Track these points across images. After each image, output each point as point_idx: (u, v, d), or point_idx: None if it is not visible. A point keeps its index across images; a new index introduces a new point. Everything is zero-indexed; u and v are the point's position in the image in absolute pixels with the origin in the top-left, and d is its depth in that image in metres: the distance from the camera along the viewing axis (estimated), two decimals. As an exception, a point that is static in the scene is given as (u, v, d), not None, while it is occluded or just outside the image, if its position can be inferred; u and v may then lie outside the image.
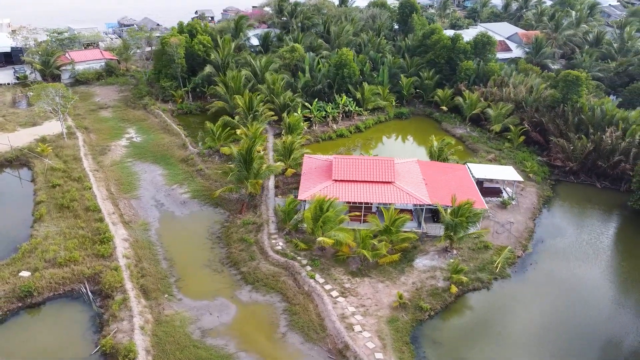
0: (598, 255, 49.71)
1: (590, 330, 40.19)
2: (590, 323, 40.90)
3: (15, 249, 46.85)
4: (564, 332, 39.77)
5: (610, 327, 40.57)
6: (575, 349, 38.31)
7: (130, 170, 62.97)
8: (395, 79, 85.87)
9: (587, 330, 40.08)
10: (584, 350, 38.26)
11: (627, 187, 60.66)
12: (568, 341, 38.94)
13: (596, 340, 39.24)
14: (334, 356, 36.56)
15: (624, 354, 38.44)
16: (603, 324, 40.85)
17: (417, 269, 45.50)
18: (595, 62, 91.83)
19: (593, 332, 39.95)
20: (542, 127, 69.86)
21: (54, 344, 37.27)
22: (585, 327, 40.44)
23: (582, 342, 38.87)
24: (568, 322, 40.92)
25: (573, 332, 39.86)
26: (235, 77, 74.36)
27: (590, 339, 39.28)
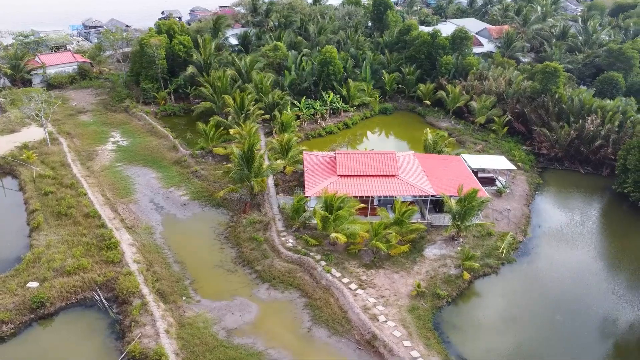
0: (592, 236, 52.44)
1: (596, 304, 42.37)
2: (594, 299, 43.11)
3: (17, 259, 45.49)
4: (573, 310, 41.72)
5: (612, 300, 42.91)
6: (586, 324, 40.30)
7: (122, 174, 61.55)
8: (377, 75, 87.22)
9: (594, 306, 42.23)
10: (594, 323, 40.33)
11: (608, 172, 64.10)
12: (578, 317, 40.89)
13: (602, 314, 41.37)
14: (362, 347, 37.15)
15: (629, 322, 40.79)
16: (606, 298, 43.13)
17: (428, 259, 46.66)
18: (564, 55, 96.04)
19: (599, 306, 42.12)
20: (524, 117, 72.70)
21: (75, 355, 36.23)
22: (592, 303, 42.59)
23: (591, 318, 40.93)
24: (576, 300, 42.98)
25: (581, 309, 41.86)
26: (221, 77, 73.67)
27: (596, 313, 41.40)
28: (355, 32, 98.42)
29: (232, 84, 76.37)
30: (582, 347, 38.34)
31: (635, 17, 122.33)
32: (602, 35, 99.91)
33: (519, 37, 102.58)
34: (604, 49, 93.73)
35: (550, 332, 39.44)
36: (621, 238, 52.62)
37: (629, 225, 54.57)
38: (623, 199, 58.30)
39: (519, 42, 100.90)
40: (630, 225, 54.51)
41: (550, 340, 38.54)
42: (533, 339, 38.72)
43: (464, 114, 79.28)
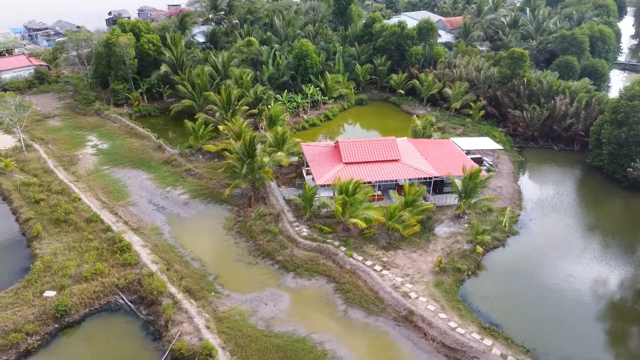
0: (579, 206, 56.67)
1: (598, 263, 45.99)
2: (594, 258, 46.81)
3: (21, 270, 43.38)
4: (578, 269, 45.06)
5: (608, 256, 46.85)
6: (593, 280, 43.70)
7: (111, 177, 59.39)
8: (349, 67, 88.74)
9: (595, 263, 45.86)
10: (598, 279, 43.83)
11: (579, 147, 68.99)
12: (585, 276, 44.19)
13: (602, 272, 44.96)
14: (401, 323, 38.36)
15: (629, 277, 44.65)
16: (603, 256, 46.97)
17: (440, 237, 48.57)
18: (518, 42, 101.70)
19: (599, 265, 45.73)
20: (497, 101, 76.63)
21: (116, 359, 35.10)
22: (591, 262, 46.21)
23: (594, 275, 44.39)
24: (578, 261, 46.47)
25: (585, 268, 45.29)
26: (200, 74, 72.42)
27: (599, 271, 44.95)
28: (322, 26, 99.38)
29: (211, 81, 75.21)
30: (595, 298, 41.52)
31: (572, 6, 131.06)
32: (551, 24, 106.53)
33: (475, 27, 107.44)
34: (554, 35, 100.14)
35: (565, 291, 42.38)
36: (602, 205, 57.04)
37: (607, 193, 59.10)
38: (598, 170, 63.05)
39: (476, 31, 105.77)
40: (608, 193, 59.05)
41: (566, 299, 41.49)
42: (552, 299, 41.49)
43: (438, 101, 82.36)
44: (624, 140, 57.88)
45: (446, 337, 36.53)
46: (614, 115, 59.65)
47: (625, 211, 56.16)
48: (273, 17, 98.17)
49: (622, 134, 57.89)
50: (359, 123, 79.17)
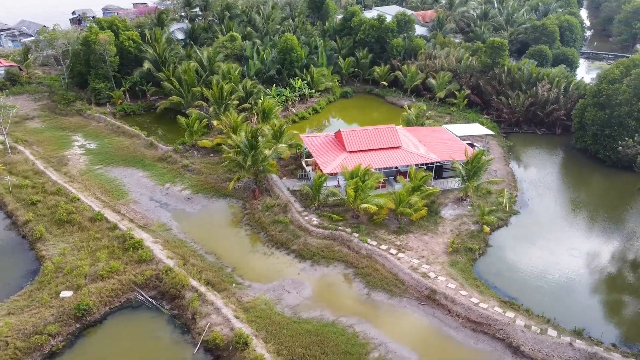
0: (570, 185, 59.47)
1: (596, 236, 48.48)
2: (593, 233, 49.25)
3: (29, 272, 42.14)
4: (582, 243, 47.45)
5: (604, 232, 49.43)
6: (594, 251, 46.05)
7: (106, 176, 57.92)
8: (332, 61, 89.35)
9: (595, 238, 48.28)
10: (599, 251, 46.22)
11: (561, 131, 72.08)
12: (588, 248, 46.53)
13: (601, 244, 47.44)
14: (424, 302, 39.33)
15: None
16: (599, 232, 49.48)
17: (447, 219, 49.91)
18: (491, 34, 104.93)
19: (598, 237, 48.23)
20: (479, 89, 78.98)
21: (149, 355, 34.49)
22: (593, 237, 48.64)
23: (595, 247, 46.80)
24: (578, 235, 48.96)
25: (585, 241, 47.70)
26: (187, 70, 71.37)
27: (598, 243, 47.41)
28: (301, 21, 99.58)
29: (197, 77, 74.21)
30: (599, 268, 43.81)
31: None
32: (520, 15, 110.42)
33: (448, 20, 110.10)
34: (524, 26, 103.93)
35: (571, 263, 44.53)
36: (591, 183, 60.20)
37: (594, 172, 62.13)
38: (582, 151, 66.12)
39: (449, 24, 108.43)
40: (594, 172, 62.08)
41: (574, 270, 43.64)
42: (560, 271, 43.55)
43: (421, 92, 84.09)
44: (606, 121, 60.90)
45: (471, 312, 37.73)
46: (595, 98, 62.67)
47: (612, 187, 59.11)
48: (251, 13, 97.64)
49: (605, 116, 60.91)
50: (347, 115, 79.88)
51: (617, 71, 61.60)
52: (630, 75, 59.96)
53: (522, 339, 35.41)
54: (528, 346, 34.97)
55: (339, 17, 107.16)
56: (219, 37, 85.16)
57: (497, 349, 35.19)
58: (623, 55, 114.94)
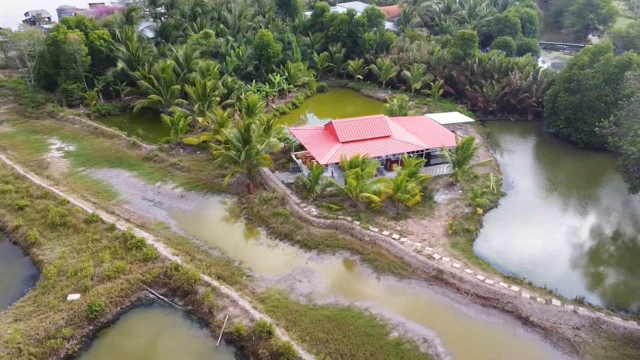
0: (548, 166, 62.48)
1: (579, 211, 51.36)
2: (576, 208, 52.12)
3: (28, 278, 40.88)
4: (568, 219, 50.13)
5: (585, 207, 52.42)
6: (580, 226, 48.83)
7: (92, 178, 56.35)
8: (306, 56, 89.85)
9: (578, 213, 51.14)
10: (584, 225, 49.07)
11: (532, 117, 75.49)
12: (575, 223, 49.26)
13: (584, 218, 50.35)
14: (432, 282, 40.64)
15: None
16: (581, 207, 52.41)
17: (441, 204, 51.53)
18: (455, 27, 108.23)
19: (581, 213, 51.13)
20: (452, 80, 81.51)
21: (172, 351, 34.14)
22: (577, 212, 51.51)
23: (580, 222, 49.62)
24: (566, 212, 51.70)
25: (573, 217, 50.46)
26: (165, 68, 70.13)
27: (582, 218, 50.27)
28: (272, 17, 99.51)
29: (175, 75, 73.01)
30: (587, 240, 46.57)
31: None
32: (482, 9, 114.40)
33: (413, 14, 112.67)
34: (486, 19, 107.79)
35: (562, 238, 47.09)
36: (567, 164, 63.10)
37: (568, 154, 65.31)
38: (554, 135, 69.62)
39: (415, 18, 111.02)
40: (569, 154, 65.25)
41: (565, 244, 46.20)
42: (552, 245, 46.04)
43: (396, 84, 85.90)
44: (578, 106, 64.32)
45: (478, 288, 39.33)
46: (566, 84, 66.05)
47: (587, 167, 62.43)
48: (221, 10, 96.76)
49: (576, 101, 64.30)
50: (326, 109, 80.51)
51: (585, 58, 65.12)
52: (599, 61, 63.50)
53: (530, 310, 37.26)
54: (536, 316, 36.84)
55: (307, 14, 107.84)
56: (192, 34, 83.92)
57: (508, 321, 36.90)
58: (577, 45, 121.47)
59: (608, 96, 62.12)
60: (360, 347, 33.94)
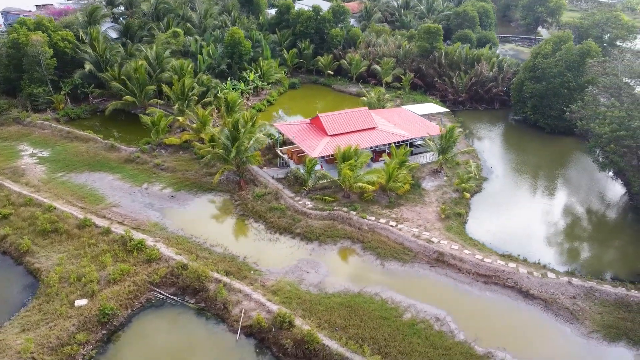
0: (520, 151, 65.81)
1: (557, 190, 54.66)
2: (554, 187, 55.45)
3: (25, 286, 39.56)
4: (548, 198, 53.24)
5: (560, 186, 55.88)
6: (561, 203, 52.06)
7: (74, 183, 54.66)
8: (276, 53, 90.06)
9: (557, 192, 54.43)
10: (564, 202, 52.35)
11: (499, 106, 79.13)
12: (555, 201, 52.46)
13: (563, 195, 53.72)
14: (434, 265, 42.31)
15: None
16: (558, 186, 55.82)
17: (429, 191, 53.41)
18: (416, 21, 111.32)
19: (559, 191, 54.45)
20: (421, 72, 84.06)
21: (193, 349, 34.02)
22: (555, 191, 54.79)
23: (560, 199, 52.90)
24: (545, 191, 54.80)
25: (553, 196, 53.63)
26: (138, 68, 68.60)
27: (560, 195, 53.59)
28: (237, 15, 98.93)
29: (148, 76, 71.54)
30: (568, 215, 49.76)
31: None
32: (439, 4, 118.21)
33: (375, 10, 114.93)
34: (444, 13, 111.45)
35: (546, 215, 50.03)
36: (538, 148, 66.49)
37: (537, 138, 68.93)
38: (522, 122, 73.44)
39: (376, 14, 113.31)
40: (538, 138, 68.80)
41: (549, 220, 49.14)
42: (539, 223, 48.88)
43: (367, 78, 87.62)
44: (544, 93, 68.04)
45: (479, 267, 41.32)
46: (532, 73, 69.72)
47: (557, 149, 65.95)
48: (185, 9, 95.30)
49: (542, 88, 68.00)
50: (301, 105, 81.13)
51: (548, 47, 68.97)
52: (561, 50, 67.43)
53: (529, 284, 39.56)
54: (536, 289, 39.16)
55: (269, 11, 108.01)
56: (160, 34, 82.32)
57: (511, 296, 39.03)
58: (528, 37, 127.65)
59: (571, 82, 66.08)
60: (378, 329, 35.03)
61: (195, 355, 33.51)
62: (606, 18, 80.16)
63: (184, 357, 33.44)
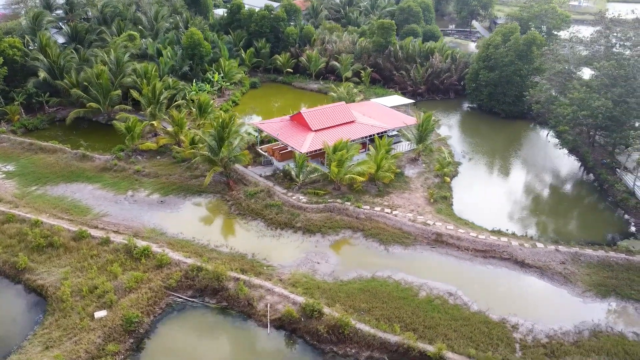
0: (483, 136, 70.57)
1: (526, 167, 59.49)
2: (522, 164, 60.24)
3: (30, 304, 38.22)
4: (520, 175, 57.85)
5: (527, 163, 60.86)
6: (533, 178, 56.80)
7: (52, 196, 52.29)
8: (232, 53, 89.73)
9: (527, 168, 59.24)
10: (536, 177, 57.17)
11: (454, 95, 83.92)
12: (528, 178, 57.09)
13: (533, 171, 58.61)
14: (434, 245, 45.03)
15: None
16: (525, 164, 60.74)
17: (412, 178, 56.24)
18: (363, 18, 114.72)
19: (528, 168, 59.31)
20: (378, 67, 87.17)
21: (229, 347, 34.53)
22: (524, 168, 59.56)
23: (532, 175, 57.68)
24: (515, 169, 59.38)
25: (524, 173, 58.30)
26: (101, 73, 66.19)
27: (530, 171, 58.42)
28: (189, 17, 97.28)
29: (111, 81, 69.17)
30: (544, 189, 54.51)
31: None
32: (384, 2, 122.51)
33: (321, 8, 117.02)
34: (388, 9, 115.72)
35: (522, 192, 54.44)
36: (498, 131, 71.88)
37: (496, 122, 74.31)
38: (479, 109, 78.69)
39: (323, 12, 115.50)
40: (496, 122, 74.23)
41: (526, 196, 53.54)
42: (516, 200, 53.21)
43: (326, 75, 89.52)
44: (497, 81, 73.18)
45: (476, 244, 44.53)
46: (485, 62, 74.72)
47: (514, 132, 71.61)
48: (131, 10, 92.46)
49: (496, 77, 73.10)
50: (265, 103, 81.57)
51: (498, 38, 74.19)
52: (510, 41, 72.79)
53: (523, 255, 43.24)
54: (529, 259, 42.89)
55: (216, 12, 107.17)
56: (115, 37, 79.55)
57: (509, 267, 42.49)
58: (464, 30, 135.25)
59: (522, 70, 71.61)
60: (400, 309, 37.08)
61: (231, 353, 33.98)
62: (545, 10, 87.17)
63: (221, 355, 33.77)
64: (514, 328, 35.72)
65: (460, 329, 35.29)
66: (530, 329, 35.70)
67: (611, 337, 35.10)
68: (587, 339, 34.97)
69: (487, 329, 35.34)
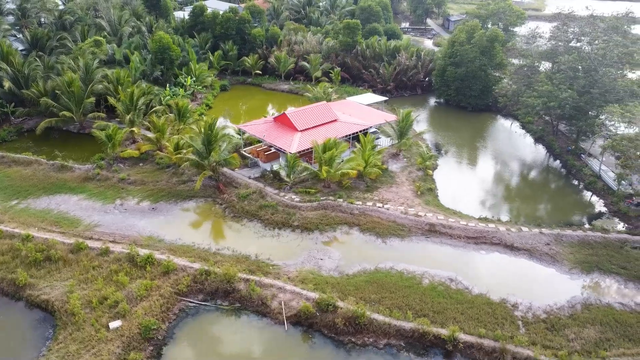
0: (455, 129, 73.90)
1: (502, 155, 62.99)
2: (497, 154, 63.71)
3: (37, 320, 37.49)
4: (498, 164, 61.23)
5: (501, 151, 64.45)
6: (512, 165, 60.32)
7: (37, 209, 50.75)
8: (200, 56, 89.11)
9: (503, 156, 62.74)
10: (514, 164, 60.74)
11: (421, 91, 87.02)
12: (507, 166, 60.54)
13: (509, 159, 62.18)
14: (429, 234, 47.22)
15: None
16: (499, 153, 64.29)
17: (397, 172, 58.33)
18: (324, 18, 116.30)
19: (505, 156, 62.83)
20: (346, 66, 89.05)
21: (245, 349, 35.00)
22: (500, 157, 63.04)
23: (509, 162, 61.19)
24: (493, 158, 62.72)
25: (503, 160, 61.71)
26: (73, 81, 64.36)
27: (508, 159, 61.96)
28: (153, 21, 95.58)
29: (81, 88, 67.31)
30: (523, 176, 58.07)
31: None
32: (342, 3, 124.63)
33: (283, 9, 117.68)
34: (347, 9, 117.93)
35: (503, 179, 57.76)
36: (468, 124, 75.29)
37: (464, 115, 77.84)
38: (446, 103, 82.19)
39: (284, 12, 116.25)
40: (465, 115, 77.79)
41: (507, 183, 56.85)
42: (496, 187, 56.59)
43: (295, 75, 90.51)
44: (464, 76, 76.67)
45: (467, 231, 47.06)
46: (451, 59, 78.05)
47: (482, 124, 75.37)
48: (90, 15, 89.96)
49: (462, 72, 76.57)
50: (238, 105, 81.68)
51: (463, 35, 77.67)
52: (474, 37, 76.44)
53: (511, 239, 46.12)
54: (517, 242, 45.81)
55: (177, 14, 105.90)
56: (80, 43, 77.31)
57: (500, 251, 45.25)
58: (419, 28, 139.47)
59: (486, 65, 75.41)
60: (407, 297, 38.90)
61: (252, 352, 34.63)
62: (502, 7, 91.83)
63: (244, 355, 34.37)
64: (514, 307, 38.30)
65: (466, 312, 37.48)
66: (529, 306, 38.38)
67: (601, 309, 38.31)
68: (580, 311, 38.03)
69: (491, 310, 37.74)
